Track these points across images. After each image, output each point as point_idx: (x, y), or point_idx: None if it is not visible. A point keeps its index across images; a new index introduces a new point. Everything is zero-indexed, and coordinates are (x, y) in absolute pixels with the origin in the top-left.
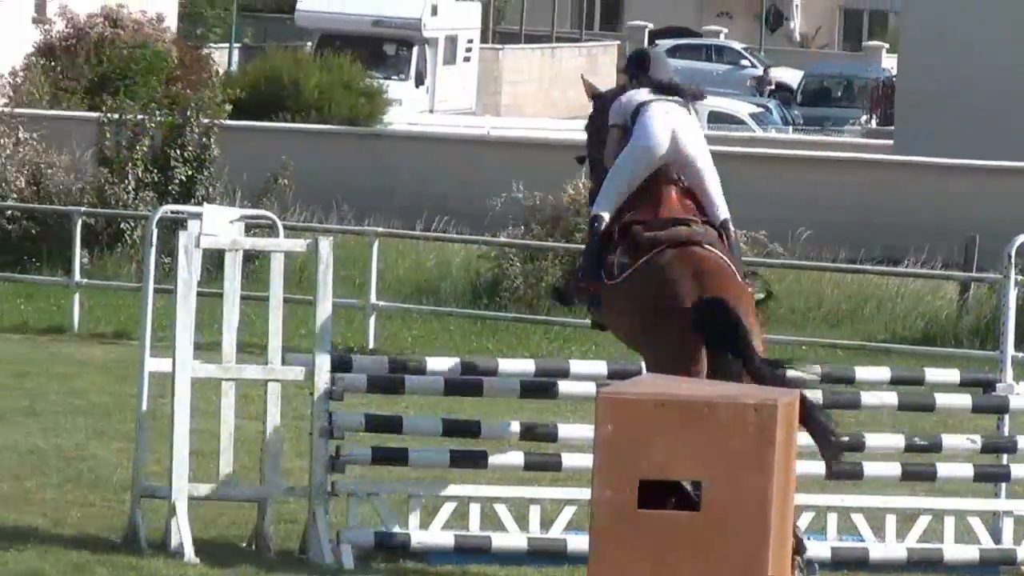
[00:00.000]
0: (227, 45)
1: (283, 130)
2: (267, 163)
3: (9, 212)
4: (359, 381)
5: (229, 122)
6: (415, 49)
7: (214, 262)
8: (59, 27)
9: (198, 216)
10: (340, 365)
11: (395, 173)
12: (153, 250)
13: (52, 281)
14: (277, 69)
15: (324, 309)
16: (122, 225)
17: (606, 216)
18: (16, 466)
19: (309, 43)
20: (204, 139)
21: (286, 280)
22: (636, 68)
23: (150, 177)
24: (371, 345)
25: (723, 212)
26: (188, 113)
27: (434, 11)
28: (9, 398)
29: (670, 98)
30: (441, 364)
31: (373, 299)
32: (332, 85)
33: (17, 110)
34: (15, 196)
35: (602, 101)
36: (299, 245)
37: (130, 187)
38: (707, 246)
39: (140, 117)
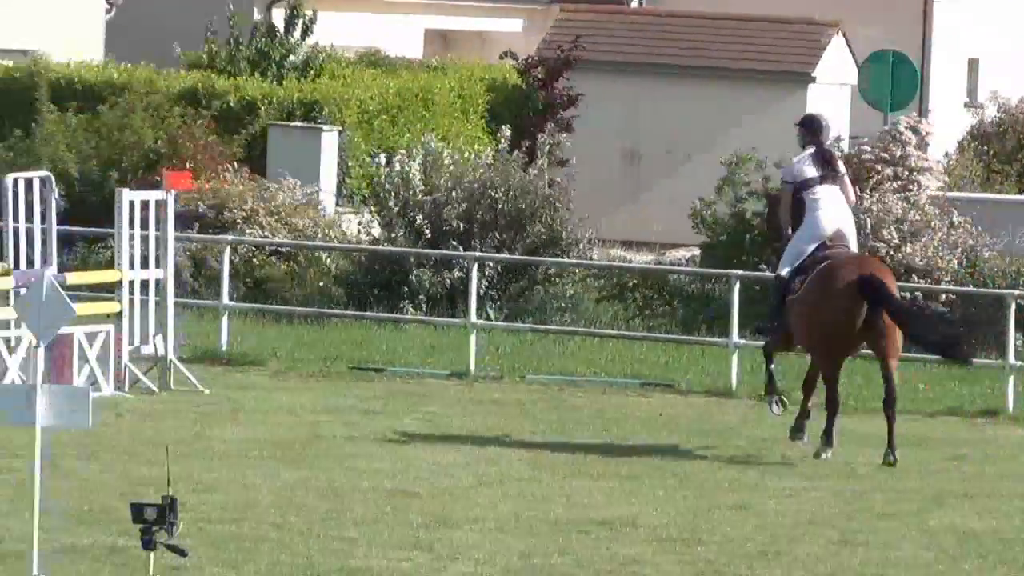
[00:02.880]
0: None
1: None
2: None
3: (944, 296)
4: None
5: None
6: None
7: None
8: (990, 112)
9: None
10: None
11: None
12: None
13: (987, 364)
14: None
15: None
16: None
17: (786, 276)
18: (954, 548)
19: None
20: None
21: None
22: (804, 128)
23: None
24: None
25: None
26: None
27: None
28: (945, 481)
29: (829, 173)
30: None
31: None
32: None
33: (951, 194)
34: (948, 279)
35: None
36: None
37: None
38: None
39: None
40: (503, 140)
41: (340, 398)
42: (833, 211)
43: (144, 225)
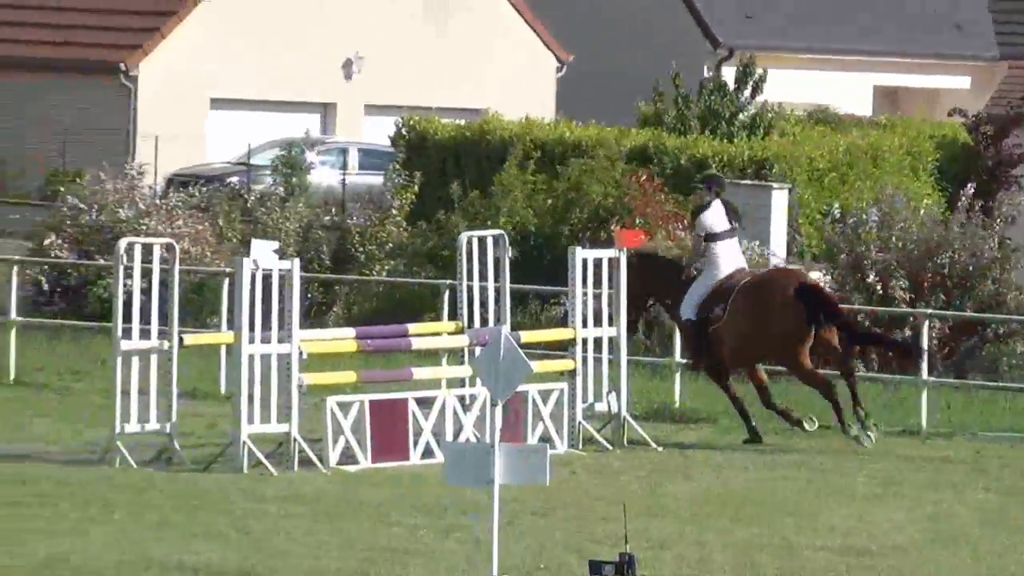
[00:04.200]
0: None
1: None
2: None
3: None
4: None
5: None
6: None
7: None
8: None
9: None
10: None
11: None
12: None
13: None
14: None
15: None
16: None
17: (694, 317)
18: None
19: None
20: None
21: None
22: (708, 186)
23: None
24: None
25: None
26: None
27: None
28: None
29: (730, 227)
30: None
31: None
32: None
33: None
34: None
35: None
36: None
37: None
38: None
39: None
40: (964, 198)
41: (790, 455)
42: (731, 261)
43: (597, 283)
